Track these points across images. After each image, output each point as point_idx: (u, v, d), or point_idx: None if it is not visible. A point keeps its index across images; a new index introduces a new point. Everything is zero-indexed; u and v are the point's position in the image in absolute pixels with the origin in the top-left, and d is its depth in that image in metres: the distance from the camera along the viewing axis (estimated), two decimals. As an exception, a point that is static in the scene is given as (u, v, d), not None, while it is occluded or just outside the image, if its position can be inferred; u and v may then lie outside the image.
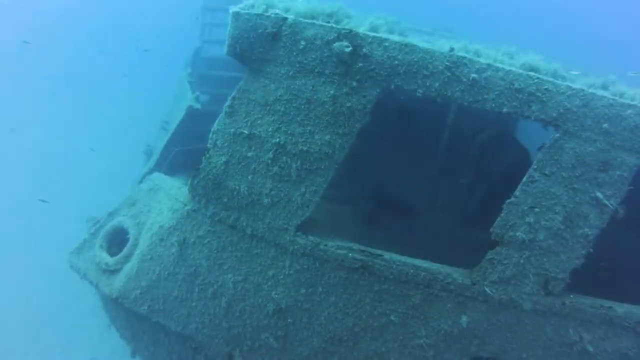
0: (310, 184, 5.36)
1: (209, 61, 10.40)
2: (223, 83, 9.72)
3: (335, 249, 5.43)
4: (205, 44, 10.42)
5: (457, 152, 7.82)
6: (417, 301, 5.39)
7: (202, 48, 10.28)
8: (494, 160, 7.36)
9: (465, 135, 8.08)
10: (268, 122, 5.36)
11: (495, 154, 7.42)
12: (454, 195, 7.96)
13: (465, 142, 8.01)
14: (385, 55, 4.97)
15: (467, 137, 8.03)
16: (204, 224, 5.81)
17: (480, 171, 7.75)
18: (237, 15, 5.17)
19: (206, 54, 10.39)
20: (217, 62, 10.55)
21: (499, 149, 7.45)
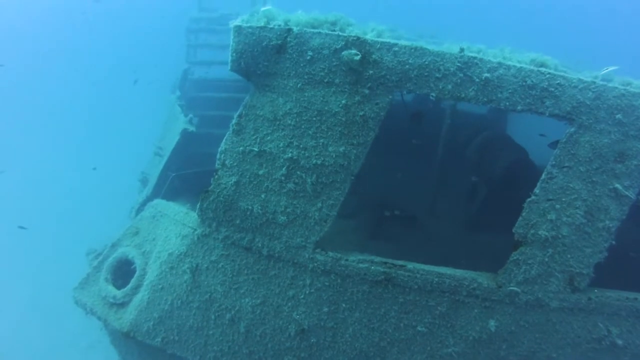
0: (327, 198, 4.93)
1: (197, 83, 9.96)
2: (213, 104, 9.27)
3: (356, 264, 5.00)
4: (192, 66, 9.97)
5: (454, 157, 7.53)
6: (444, 309, 4.99)
7: (189, 70, 9.81)
8: (494, 162, 7.08)
9: (460, 140, 7.81)
10: (278, 137, 4.93)
11: (494, 156, 7.14)
12: (454, 200, 7.64)
13: (461, 147, 7.73)
14: (395, 60, 4.62)
15: (463, 142, 7.75)
16: (216, 248, 5.32)
17: (479, 174, 7.46)
18: (239, 29, 4.75)
19: (193, 76, 9.94)
20: (205, 84, 10.11)
21: (497, 150, 7.18)
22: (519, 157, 6.87)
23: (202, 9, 10.40)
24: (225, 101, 9.28)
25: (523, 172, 6.76)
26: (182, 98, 9.15)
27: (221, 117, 8.95)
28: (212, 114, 8.93)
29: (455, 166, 7.64)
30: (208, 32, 9.99)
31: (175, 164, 7.71)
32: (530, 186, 7.06)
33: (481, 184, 7.32)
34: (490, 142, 7.41)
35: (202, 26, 10.16)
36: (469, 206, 7.40)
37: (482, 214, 7.16)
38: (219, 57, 9.94)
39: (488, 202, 7.11)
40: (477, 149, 7.45)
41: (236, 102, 9.53)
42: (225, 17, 10.11)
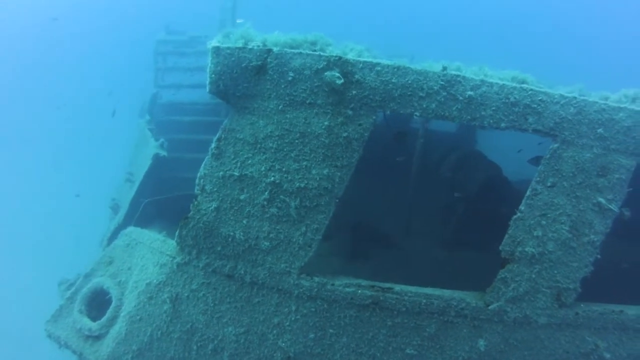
0: (312, 222, 4.64)
1: (166, 106, 9.52)
2: (183, 128, 8.87)
3: (343, 288, 4.71)
4: (161, 90, 9.53)
5: (428, 176, 7.35)
6: (433, 331, 4.75)
7: (158, 94, 9.38)
8: (468, 179, 6.93)
9: (433, 158, 7.64)
10: (260, 161, 4.62)
11: (468, 173, 6.99)
12: (430, 219, 7.44)
13: (435, 166, 7.56)
14: (378, 80, 4.39)
15: (436, 161, 7.59)
16: (197, 276, 4.96)
17: (454, 192, 7.29)
18: (217, 50, 4.45)
19: (162, 100, 9.49)
20: (174, 107, 9.68)
21: (471, 168, 7.02)
22: (493, 174, 6.74)
23: (169, 31, 10.01)
24: (196, 124, 8.91)
25: (498, 188, 6.63)
26: (151, 122, 8.73)
27: (192, 140, 8.58)
28: (182, 138, 8.54)
29: (429, 185, 7.45)
30: (176, 54, 9.59)
31: (147, 190, 7.28)
32: (505, 202, 6.96)
33: (458, 201, 7.16)
34: (464, 160, 7.25)
35: (170, 49, 9.77)
36: (445, 224, 7.21)
37: (459, 232, 6.98)
38: (188, 80, 9.58)
39: (464, 219, 6.95)
40: (451, 167, 7.28)
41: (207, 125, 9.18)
42: (193, 39, 9.74)
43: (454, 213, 7.14)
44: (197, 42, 9.69)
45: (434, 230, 7.32)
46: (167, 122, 9.09)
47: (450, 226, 7.09)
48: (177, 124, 8.98)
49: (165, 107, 9.45)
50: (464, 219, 6.96)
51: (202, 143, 8.68)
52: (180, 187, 7.61)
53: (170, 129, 8.87)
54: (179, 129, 8.85)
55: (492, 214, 6.59)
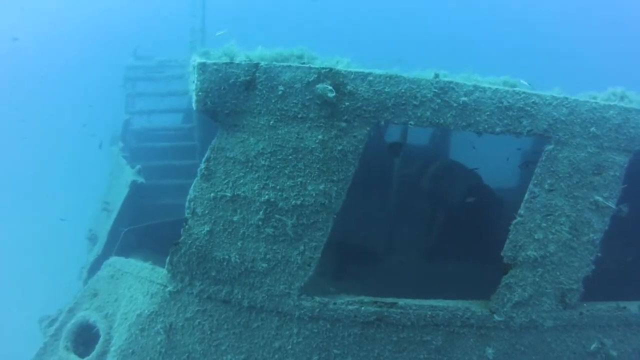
0: (310, 240, 4.30)
1: (139, 133, 9.00)
2: (157, 154, 8.38)
3: (346, 305, 4.38)
4: (132, 116, 9.01)
5: (408, 189, 7.07)
6: (439, 343, 4.46)
7: (130, 120, 8.86)
8: (449, 190, 6.69)
9: (412, 171, 7.39)
10: (252, 179, 4.28)
11: (449, 184, 6.75)
12: (412, 231, 7.15)
13: (414, 178, 7.30)
14: (371, 90, 4.12)
15: (415, 173, 7.34)
16: (191, 304, 4.55)
17: (435, 203, 7.03)
18: (203, 66, 4.09)
19: (135, 126, 8.95)
20: (147, 133, 9.15)
21: (452, 178, 6.79)
22: (475, 183, 6.54)
23: (137, 57, 9.54)
24: (170, 150, 8.43)
25: (480, 197, 6.43)
26: (125, 149, 8.22)
27: (167, 167, 8.09)
28: (157, 164, 8.02)
29: (410, 198, 7.18)
30: (146, 80, 9.11)
31: (125, 219, 6.79)
32: (488, 209, 6.77)
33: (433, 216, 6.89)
34: (444, 171, 7.01)
35: (139, 74, 9.30)
36: (426, 236, 6.94)
37: (441, 243, 6.72)
38: (158, 105, 9.09)
39: (446, 230, 6.70)
40: (432, 178, 7.03)
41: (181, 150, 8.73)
42: (163, 64, 9.27)
43: (435, 224, 6.89)
44: (166, 67, 9.26)
45: (417, 243, 7.03)
46: (140, 148, 8.59)
47: (432, 237, 6.83)
48: (151, 151, 8.47)
49: (137, 134, 8.94)
50: (446, 230, 6.71)
51: (177, 169, 8.24)
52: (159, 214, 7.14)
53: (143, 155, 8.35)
54: (153, 155, 8.33)
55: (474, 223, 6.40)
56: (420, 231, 7.13)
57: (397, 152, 4.35)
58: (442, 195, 6.83)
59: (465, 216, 6.38)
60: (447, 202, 6.66)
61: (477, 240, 6.35)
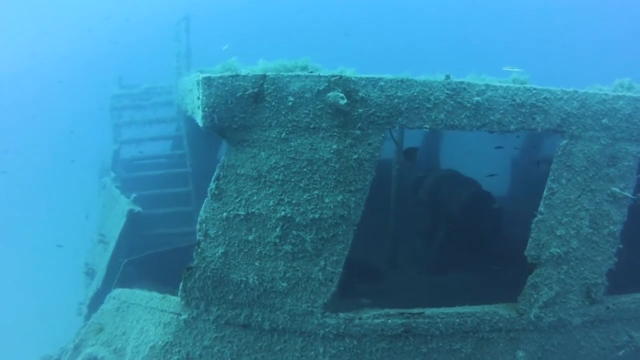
0: (330, 255, 3.97)
1: (129, 162, 8.52)
2: (149, 183, 7.93)
3: (372, 320, 4.07)
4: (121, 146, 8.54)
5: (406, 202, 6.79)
6: (469, 350, 4.16)
7: (119, 150, 8.40)
8: (450, 200, 6.44)
9: (407, 183, 7.11)
10: (266, 195, 3.96)
11: (449, 194, 6.50)
12: (414, 245, 6.85)
13: (410, 191, 7.03)
14: (383, 95, 3.87)
15: (411, 185, 7.07)
16: (208, 331, 4.16)
17: (435, 214, 6.76)
18: (208, 80, 3.77)
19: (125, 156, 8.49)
20: (138, 163, 8.68)
21: (451, 188, 6.55)
22: (476, 191, 6.32)
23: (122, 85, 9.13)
24: (162, 178, 8.01)
25: (483, 205, 6.21)
26: (117, 179, 7.77)
27: (160, 195, 7.65)
28: (150, 193, 7.57)
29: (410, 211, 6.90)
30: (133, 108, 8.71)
31: (124, 250, 6.36)
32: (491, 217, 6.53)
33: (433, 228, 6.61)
34: (441, 181, 6.78)
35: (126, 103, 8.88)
36: (428, 249, 6.65)
37: (443, 254, 6.46)
38: (147, 133, 8.66)
39: (448, 241, 6.42)
40: (430, 190, 6.77)
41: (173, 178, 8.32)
42: (149, 91, 8.88)
43: (437, 236, 6.62)
44: (153, 94, 8.88)
45: (418, 256, 6.73)
46: (131, 178, 8.14)
47: (435, 250, 6.55)
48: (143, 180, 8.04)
49: (127, 163, 8.50)
50: (448, 241, 6.44)
51: (171, 197, 7.82)
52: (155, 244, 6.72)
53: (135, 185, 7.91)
54: (145, 184, 7.90)
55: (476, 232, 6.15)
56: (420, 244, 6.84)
57: (412, 157, 4.11)
58: (442, 205, 6.57)
59: (469, 224, 6.14)
60: (449, 212, 6.39)
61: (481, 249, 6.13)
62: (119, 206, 6.78)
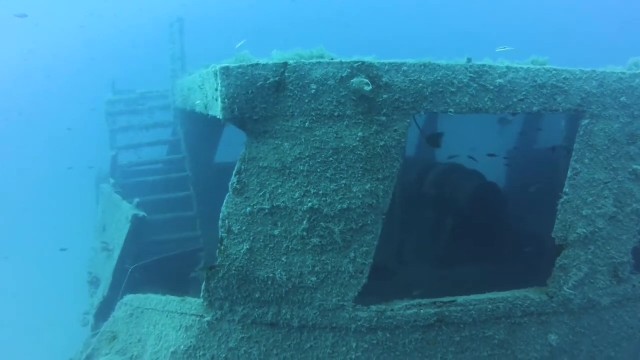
0: (360, 246, 3.74)
1: (128, 168, 8.12)
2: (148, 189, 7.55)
3: (404, 311, 3.85)
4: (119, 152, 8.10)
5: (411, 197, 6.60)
6: (502, 337, 3.97)
7: (117, 156, 7.98)
8: (456, 192, 6.26)
9: (410, 178, 6.92)
10: (292, 188, 3.70)
11: (455, 186, 6.32)
12: (420, 241, 6.65)
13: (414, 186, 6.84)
14: (407, 80, 3.66)
15: (415, 180, 6.89)
16: (234, 332, 3.87)
17: (441, 208, 6.59)
18: (227, 71, 3.51)
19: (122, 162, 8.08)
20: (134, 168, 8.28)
21: (456, 181, 6.38)
22: (483, 182, 6.17)
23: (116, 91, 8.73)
24: (161, 183, 7.63)
25: (490, 196, 6.06)
26: (117, 185, 7.38)
27: (160, 201, 7.27)
28: (151, 199, 7.18)
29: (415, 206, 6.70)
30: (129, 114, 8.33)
31: (129, 256, 6.00)
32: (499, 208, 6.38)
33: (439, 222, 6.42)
34: (446, 175, 6.61)
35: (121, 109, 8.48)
36: (435, 243, 6.47)
37: (451, 248, 6.29)
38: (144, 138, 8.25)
39: (455, 234, 6.25)
40: (434, 183, 6.58)
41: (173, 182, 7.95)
42: (144, 95, 8.48)
43: (444, 230, 6.44)
44: (148, 98, 8.50)
45: (426, 251, 6.54)
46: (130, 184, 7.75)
47: (442, 243, 6.37)
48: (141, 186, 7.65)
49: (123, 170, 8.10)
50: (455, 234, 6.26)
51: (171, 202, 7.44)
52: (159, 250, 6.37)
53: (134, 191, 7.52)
54: (144, 190, 7.51)
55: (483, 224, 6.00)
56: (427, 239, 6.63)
57: (437, 143, 3.93)
58: (448, 198, 6.40)
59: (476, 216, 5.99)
60: (455, 204, 6.23)
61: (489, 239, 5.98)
62: (120, 212, 6.42)
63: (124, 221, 6.14)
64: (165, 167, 8.09)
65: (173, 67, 7.67)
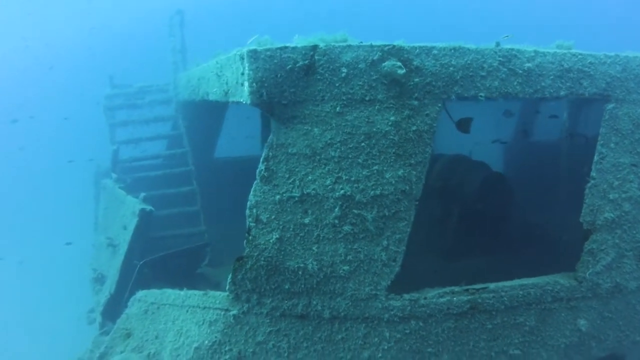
0: (393, 233, 3.56)
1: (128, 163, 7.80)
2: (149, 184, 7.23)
3: (437, 299, 3.71)
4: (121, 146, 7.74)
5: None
6: (532, 323, 3.85)
7: (118, 150, 7.63)
8: (464, 184, 6.14)
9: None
10: (322, 174, 3.51)
11: (462, 178, 6.21)
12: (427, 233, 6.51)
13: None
14: (437, 64, 3.51)
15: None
16: (261, 325, 3.67)
17: (448, 200, 6.46)
18: (255, 54, 3.30)
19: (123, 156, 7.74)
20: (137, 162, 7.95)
21: (462, 173, 6.27)
22: (490, 173, 6.07)
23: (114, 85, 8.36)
24: (164, 178, 7.31)
25: (497, 186, 5.96)
26: (119, 180, 7.05)
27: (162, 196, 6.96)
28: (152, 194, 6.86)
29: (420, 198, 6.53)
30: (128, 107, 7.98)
31: (136, 251, 5.72)
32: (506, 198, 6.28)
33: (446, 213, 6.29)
34: (452, 166, 6.50)
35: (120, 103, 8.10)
36: (442, 235, 6.35)
37: (458, 239, 6.16)
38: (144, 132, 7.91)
39: (462, 225, 6.14)
40: (439, 175, 6.48)
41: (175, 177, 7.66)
42: (143, 89, 8.13)
43: (450, 221, 6.32)
44: (147, 93, 8.17)
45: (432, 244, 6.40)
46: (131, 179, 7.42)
47: (449, 235, 6.25)
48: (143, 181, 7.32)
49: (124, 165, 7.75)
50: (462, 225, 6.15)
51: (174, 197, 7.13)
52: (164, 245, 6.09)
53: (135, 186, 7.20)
54: (146, 185, 7.19)
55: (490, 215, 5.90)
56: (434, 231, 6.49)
57: (467, 128, 3.81)
58: (454, 190, 6.26)
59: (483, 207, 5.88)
60: (462, 196, 6.10)
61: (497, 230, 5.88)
62: (125, 207, 6.12)
63: (129, 216, 5.85)
64: (165, 161, 7.77)
65: (174, 59, 7.38)
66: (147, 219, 5.71)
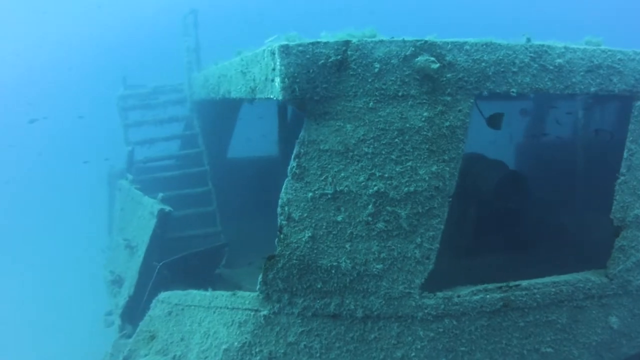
0: (426, 230, 3.47)
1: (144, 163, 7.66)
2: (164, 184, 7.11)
3: (470, 296, 3.63)
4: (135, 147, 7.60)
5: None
6: (564, 321, 3.77)
7: (133, 151, 7.50)
8: (480, 183, 6.07)
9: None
10: (355, 171, 3.43)
11: (478, 177, 6.14)
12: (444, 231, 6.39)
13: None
14: (470, 59, 3.44)
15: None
16: (293, 325, 3.58)
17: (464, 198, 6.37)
18: (286, 49, 3.21)
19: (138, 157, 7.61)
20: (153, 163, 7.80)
21: (478, 171, 6.20)
22: (508, 171, 5.99)
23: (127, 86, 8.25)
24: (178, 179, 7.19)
25: (515, 185, 5.88)
26: (135, 181, 6.93)
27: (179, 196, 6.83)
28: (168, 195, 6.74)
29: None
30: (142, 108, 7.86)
31: (156, 252, 5.61)
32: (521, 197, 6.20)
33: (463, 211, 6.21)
34: (469, 164, 6.41)
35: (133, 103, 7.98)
36: (459, 233, 6.26)
37: (475, 237, 6.07)
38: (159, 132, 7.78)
39: (479, 223, 6.07)
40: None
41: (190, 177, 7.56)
42: (158, 89, 8.01)
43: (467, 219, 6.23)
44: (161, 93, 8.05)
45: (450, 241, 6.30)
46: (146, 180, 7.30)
47: (466, 233, 6.17)
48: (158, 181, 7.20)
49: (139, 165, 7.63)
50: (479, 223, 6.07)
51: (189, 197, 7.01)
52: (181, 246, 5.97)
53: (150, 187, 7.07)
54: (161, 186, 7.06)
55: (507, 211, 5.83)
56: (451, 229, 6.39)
57: (498, 125, 3.74)
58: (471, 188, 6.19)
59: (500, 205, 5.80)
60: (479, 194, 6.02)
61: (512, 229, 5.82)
62: (142, 208, 6.00)
63: (147, 216, 5.74)
64: (179, 162, 7.66)
65: (188, 59, 7.28)
66: (165, 219, 5.61)
